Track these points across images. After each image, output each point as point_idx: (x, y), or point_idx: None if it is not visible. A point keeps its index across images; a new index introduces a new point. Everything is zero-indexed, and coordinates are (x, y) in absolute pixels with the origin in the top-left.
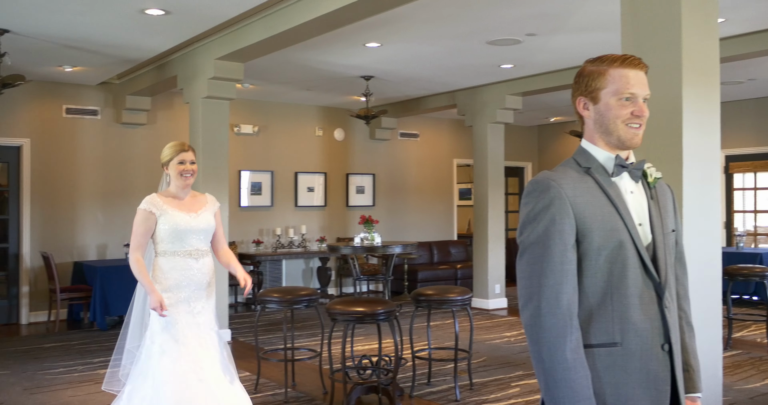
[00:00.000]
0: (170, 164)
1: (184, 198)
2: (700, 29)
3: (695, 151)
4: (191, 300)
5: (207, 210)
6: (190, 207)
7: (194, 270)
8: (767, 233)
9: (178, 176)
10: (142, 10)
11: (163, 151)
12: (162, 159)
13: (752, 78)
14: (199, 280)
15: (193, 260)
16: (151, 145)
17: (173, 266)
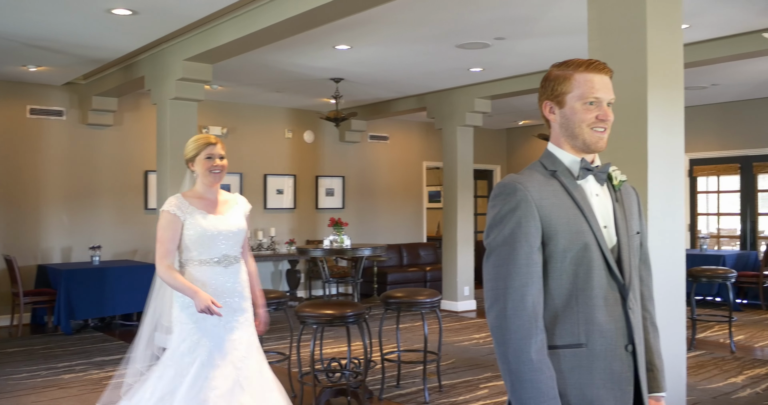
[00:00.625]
0: (196, 160)
1: (211, 198)
2: (664, 35)
3: (660, 155)
4: (223, 314)
5: (237, 211)
6: (218, 208)
7: (225, 279)
8: (730, 236)
9: (207, 173)
10: (109, 10)
11: (187, 145)
12: (186, 155)
13: (715, 83)
14: (232, 291)
15: (222, 268)
16: (118, 146)
17: (201, 277)
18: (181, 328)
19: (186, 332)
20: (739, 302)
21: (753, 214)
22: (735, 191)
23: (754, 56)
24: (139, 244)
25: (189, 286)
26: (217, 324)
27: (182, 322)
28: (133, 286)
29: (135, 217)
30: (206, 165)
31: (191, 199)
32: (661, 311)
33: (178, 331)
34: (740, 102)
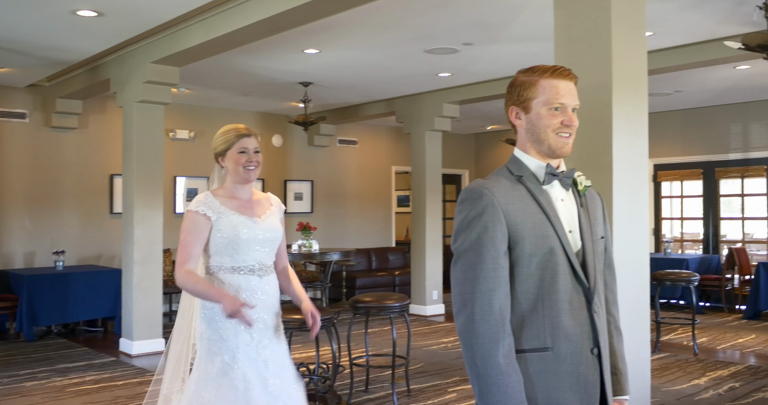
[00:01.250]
0: (227, 154)
1: (244, 197)
2: (629, 42)
3: (624, 160)
4: (254, 330)
5: (273, 214)
6: (252, 209)
7: (258, 291)
8: (693, 239)
9: (240, 169)
10: (74, 11)
11: (216, 138)
12: (215, 148)
13: (679, 90)
14: (265, 304)
15: (256, 278)
16: (83, 149)
17: (230, 286)
18: (209, 347)
19: (215, 351)
20: (702, 305)
21: (715, 218)
22: (698, 196)
23: (716, 64)
24: (104, 249)
25: (212, 288)
26: (250, 342)
27: (210, 338)
28: (97, 292)
29: (100, 222)
30: (239, 160)
31: (222, 198)
32: (625, 314)
33: (205, 349)
34: (703, 108)
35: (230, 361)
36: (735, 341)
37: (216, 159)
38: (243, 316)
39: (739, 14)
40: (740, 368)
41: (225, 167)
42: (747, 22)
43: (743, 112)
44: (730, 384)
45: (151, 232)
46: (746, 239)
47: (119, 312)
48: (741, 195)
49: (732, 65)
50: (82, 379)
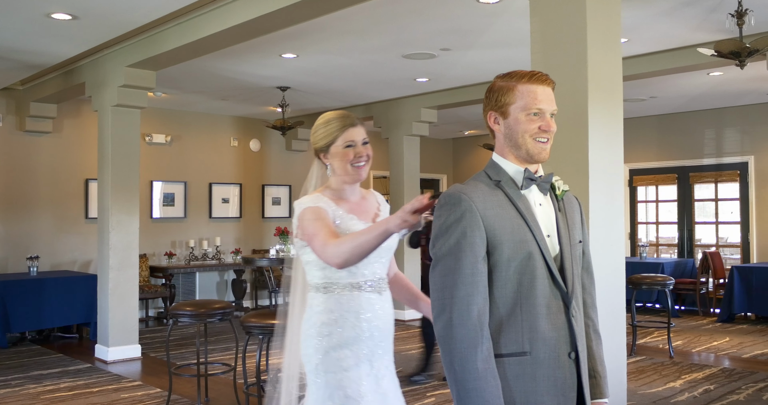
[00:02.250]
0: (331, 151)
1: (354, 199)
2: (604, 48)
3: (600, 165)
4: (374, 357)
5: (384, 214)
6: (366, 212)
7: (378, 310)
8: (668, 244)
9: (348, 168)
10: (48, 14)
11: (316, 131)
12: (315, 143)
13: (654, 96)
14: (385, 326)
15: (376, 295)
16: (57, 154)
17: (349, 307)
18: (326, 380)
19: (333, 385)
20: (677, 308)
21: (690, 222)
22: (673, 201)
23: (690, 70)
24: (79, 254)
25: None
26: (370, 372)
27: (327, 370)
28: (72, 298)
29: (75, 227)
30: (346, 156)
31: (332, 198)
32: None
33: (322, 384)
34: (677, 114)
35: (355, 395)
36: (709, 344)
37: (317, 155)
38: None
39: (712, 22)
40: (715, 371)
41: (329, 165)
42: (720, 30)
43: (717, 117)
44: (705, 386)
45: (127, 238)
46: (720, 243)
47: (94, 318)
48: (715, 200)
49: (705, 72)
50: (57, 386)
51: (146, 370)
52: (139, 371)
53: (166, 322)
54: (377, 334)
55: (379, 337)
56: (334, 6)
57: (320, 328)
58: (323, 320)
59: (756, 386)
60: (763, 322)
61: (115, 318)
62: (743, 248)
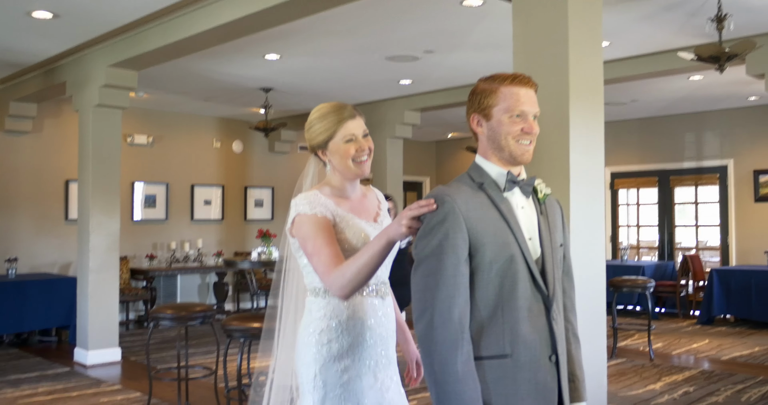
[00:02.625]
0: (330, 146)
1: (355, 197)
2: (585, 52)
3: (581, 168)
4: (378, 368)
5: (385, 214)
6: (368, 211)
7: (381, 317)
8: (649, 246)
9: (350, 164)
10: (29, 13)
11: (311, 126)
12: (311, 140)
13: (635, 99)
14: (388, 333)
15: (379, 300)
16: (37, 154)
17: (351, 314)
18: (325, 394)
19: (333, 400)
20: (658, 311)
21: (670, 225)
22: (653, 204)
23: (670, 74)
24: (58, 256)
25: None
26: (374, 384)
27: (324, 383)
28: (52, 301)
29: (55, 228)
30: (347, 152)
31: (332, 197)
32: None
33: (320, 398)
34: (658, 118)
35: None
36: (689, 346)
37: (313, 152)
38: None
39: (692, 26)
40: (694, 373)
41: (328, 162)
42: (700, 34)
43: (697, 121)
44: (685, 388)
45: (107, 239)
46: (700, 246)
47: (74, 321)
48: (695, 203)
49: (686, 76)
50: (35, 390)
51: (126, 374)
52: (118, 375)
53: (147, 325)
54: (380, 342)
55: (382, 345)
56: (317, 7)
57: (320, 336)
58: (323, 327)
59: (735, 388)
60: (742, 325)
61: (95, 321)
62: (722, 251)
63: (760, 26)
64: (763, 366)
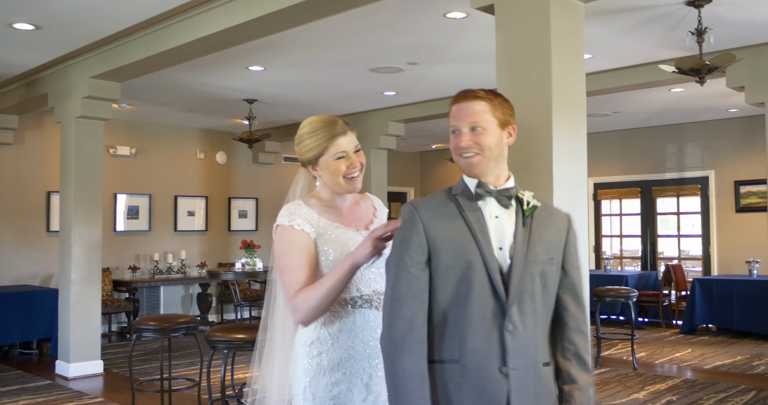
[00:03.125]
0: (320, 163)
1: (343, 206)
2: (568, 64)
3: (564, 179)
4: (372, 381)
5: (380, 220)
6: (358, 219)
7: (377, 328)
8: (632, 256)
9: (340, 180)
10: (10, 24)
11: (301, 140)
12: (302, 155)
13: (617, 111)
14: None
15: (374, 312)
16: (18, 165)
17: (341, 326)
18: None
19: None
20: (641, 320)
21: (652, 235)
22: (636, 214)
23: (652, 86)
24: (39, 268)
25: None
26: (367, 398)
27: (314, 396)
28: (33, 313)
29: (36, 241)
30: (338, 169)
31: (318, 207)
32: None
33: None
34: (640, 129)
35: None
36: (672, 355)
37: (305, 166)
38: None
39: (673, 39)
40: (677, 382)
41: (319, 177)
42: (680, 47)
43: (678, 133)
44: (668, 397)
45: (89, 251)
46: (682, 256)
47: (56, 333)
48: (677, 213)
49: (667, 88)
50: (15, 403)
51: (108, 387)
52: (101, 387)
53: (130, 336)
54: (375, 354)
55: (377, 357)
56: (301, 19)
57: (309, 348)
58: (312, 339)
59: (717, 397)
60: (724, 334)
61: (77, 333)
62: (704, 261)
63: (740, 40)
64: (745, 374)
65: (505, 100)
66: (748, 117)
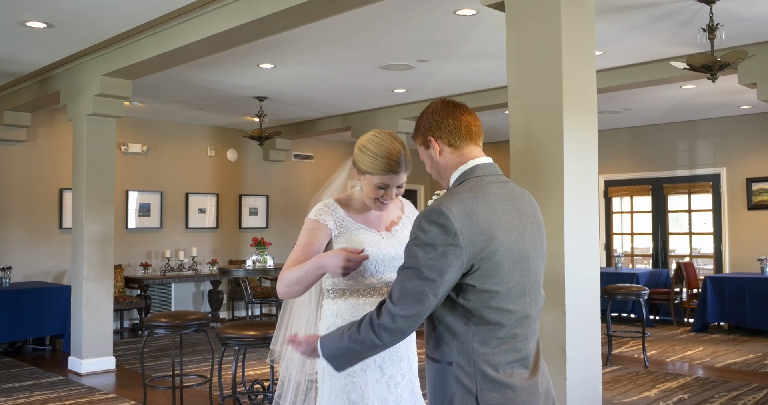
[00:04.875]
0: (366, 178)
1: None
2: (578, 61)
3: (575, 176)
4: (385, 363)
5: (404, 225)
6: (381, 220)
7: None
8: (643, 254)
9: (371, 201)
10: (23, 23)
11: (365, 153)
12: (358, 160)
13: (628, 108)
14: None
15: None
16: (31, 163)
17: (354, 313)
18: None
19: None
20: (652, 318)
21: (664, 233)
22: (647, 212)
23: (663, 83)
24: (52, 265)
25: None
26: (380, 379)
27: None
28: (45, 309)
29: (49, 237)
30: (375, 193)
31: (347, 207)
32: (578, 328)
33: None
34: (651, 126)
35: (359, 401)
36: (684, 353)
37: (354, 165)
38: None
39: (684, 36)
40: (689, 380)
41: (359, 183)
42: (692, 44)
43: (690, 130)
44: (680, 396)
45: (101, 248)
46: (693, 254)
47: (68, 330)
48: (688, 211)
49: (678, 85)
50: (29, 399)
51: (120, 383)
52: (113, 383)
53: (141, 333)
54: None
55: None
56: (311, 17)
57: (329, 328)
58: (329, 325)
59: (729, 395)
60: (736, 332)
61: (89, 329)
62: (716, 258)
63: (752, 36)
64: (757, 373)
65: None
66: (760, 114)
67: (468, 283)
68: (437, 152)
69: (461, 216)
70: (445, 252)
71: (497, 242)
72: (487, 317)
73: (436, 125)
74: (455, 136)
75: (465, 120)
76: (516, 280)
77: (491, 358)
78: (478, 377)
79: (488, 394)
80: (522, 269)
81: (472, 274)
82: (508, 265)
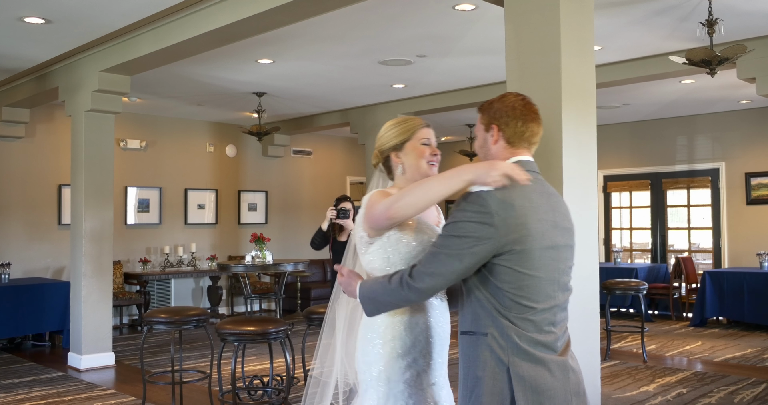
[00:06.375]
0: (406, 147)
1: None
2: (577, 56)
3: (574, 171)
4: (435, 366)
5: (441, 220)
6: (428, 214)
7: (439, 317)
8: (642, 249)
9: (422, 164)
10: (21, 18)
11: (387, 131)
12: (386, 143)
13: (627, 103)
14: (445, 334)
15: (437, 301)
16: (30, 159)
17: (413, 311)
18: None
19: (394, 398)
20: (651, 313)
21: (663, 228)
22: (646, 206)
23: (662, 78)
24: (51, 261)
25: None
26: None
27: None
28: (45, 305)
29: (48, 233)
30: (423, 152)
31: None
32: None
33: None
34: (650, 121)
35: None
36: (682, 348)
37: (383, 157)
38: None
39: (683, 30)
40: (687, 374)
41: (400, 164)
42: (691, 38)
43: (689, 125)
44: (678, 390)
45: (100, 244)
46: (692, 248)
47: (67, 325)
48: (687, 205)
49: (677, 79)
50: (28, 395)
51: (120, 378)
52: (112, 379)
53: (141, 329)
54: (439, 341)
55: (440, 343)
56: (310, 12)
57: (384, 332)
58: (387, 324)
59: (728, 389)
60: (735, 326)
61: (89, 325)
62: (715, 253)
63: (751, 30)
64: (755, 367)
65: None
66: (759, 108)
67: (502, 264)
68: (494, 140)
69: (498, 200)
70: (478, 228)
71: (530, 229)
72: (519, 299)
73: (505, 120)
74: (516, 137)
75: (531, 129)
76: (546, 267)
77: (524, 335)
78: (511, 349)
79: (520, 365)
80: (552, 258)
81: (505, 256)
82: (539, 252)
